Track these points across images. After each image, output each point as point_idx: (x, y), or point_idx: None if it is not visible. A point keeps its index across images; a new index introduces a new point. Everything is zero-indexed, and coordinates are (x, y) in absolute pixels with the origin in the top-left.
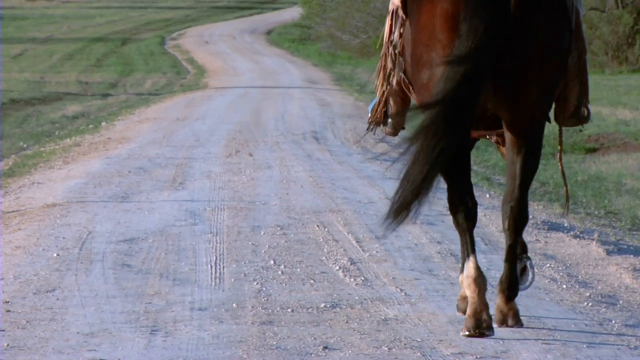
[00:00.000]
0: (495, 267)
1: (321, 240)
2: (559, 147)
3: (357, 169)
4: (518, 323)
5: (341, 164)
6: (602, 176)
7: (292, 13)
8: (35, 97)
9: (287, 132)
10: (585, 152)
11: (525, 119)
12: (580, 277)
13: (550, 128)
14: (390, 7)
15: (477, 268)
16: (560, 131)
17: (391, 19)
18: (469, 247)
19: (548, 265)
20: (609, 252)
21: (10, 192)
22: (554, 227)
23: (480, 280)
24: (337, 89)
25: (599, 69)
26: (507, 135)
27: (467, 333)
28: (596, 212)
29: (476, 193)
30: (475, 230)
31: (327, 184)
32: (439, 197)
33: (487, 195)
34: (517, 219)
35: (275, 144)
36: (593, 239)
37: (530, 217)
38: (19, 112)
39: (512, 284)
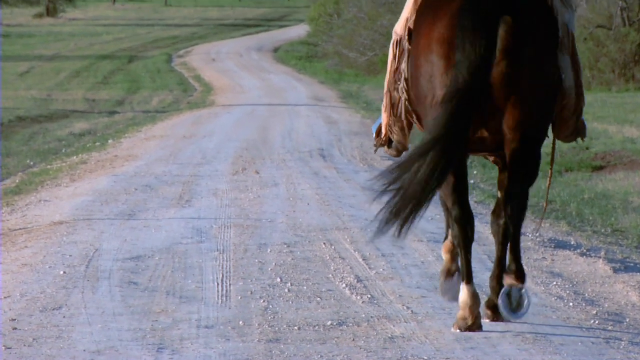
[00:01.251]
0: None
1: (328, 257)
2: (549, 164)
3: (363, 186)
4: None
5: (348, 181)
6: (608, 194)
7: (299, 30)
8: (42, 114)
9: (293, 149)
10: (592, 169)
11: (523, 140)
12: (586, 294)
13: (556, 146)
14: (394, 37)
15: (474, 295)
16: (553, 147)
17: (395, 49)
18: (465, 269)
19: (555, 283)
20: (615, 270)
21: (17, 209)
22: (560, 245)
23: (475, 306)
24: (343, 106)
25: (606, 86)
26: (506, 155)
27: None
28: (603, 230)
29: (483, 210)
30: (483, 248)
31: (334, 202)
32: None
33: None
34: (516, 229)
35: (281, 162)
36: (600, 257)
37: (537, 234)
38: (25, 130)
39: (520, 269)
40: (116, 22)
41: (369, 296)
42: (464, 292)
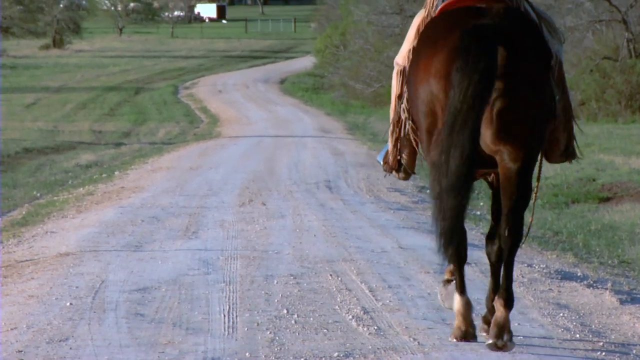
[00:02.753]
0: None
1: (334, 289)
2: (536, 183)
3: (370, 218)
4: (512, 339)
5: (354, 213)
6: (615, 225)
7: (306, 62)
8: (49, 146)
9: (300, 181)
10: (599, 201)
11: (519, 161)
12: (593, 326)
13: (561, 178)
14: (396, 68)
15: (467, 304)
16: (540, 169)
17: (398, 77)
18: (459, 281)
19: (561, 314)
20: (622, 302)
21: (23, 241)
22: (567, 277)
23: (469, 315)
24: (350, 137)
25: (612, 118)
26: (502, 175)
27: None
28: (609, 262)
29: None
30: (489, 280)
31: (340, 233)
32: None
33: None
34: (512, 245)
35: (288, 193)
36: (606, 288)
37: (544, 266)
38: (32, 161)
39: (510, 295)
40: (123, 53)
41: (376, 328)
42: (457, 302)
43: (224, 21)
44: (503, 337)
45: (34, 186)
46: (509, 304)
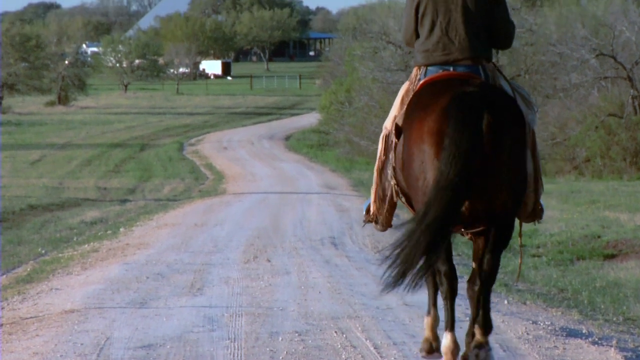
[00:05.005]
0: None
1: (339, 346)
2: (519, 239)
3: (375, 274)
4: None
5: (359, 269)
6: (620, 282)
7: (310, 119)
8: (54, 202)
9: (305, 237)
10: (604, 258)
11: (500, 218)
12: None
13: (566, 235)
14: (384, 132)
15: (455, 342)
16: (520, 226)
17: (383, 141)
18: (449, 318)
19: None
20: (627, 359)
21: (28, 297)
22: (572, 334)
23: (457, 352)
24: (355, 194)
25: (617, 175)
26: (483, 232)
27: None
28: (614, 319)
29: (494, 299)
30: (494, 337)
31: (345, 290)
32: (457, 303)
33: (505, 302)
34: (486, 294)
35: (293, 250)
36: (611, 346)
37: (549, 323)
38: (37, 218)
39: (488, 322)
40: (128, 110)
41: None
42: (447, 339)
43: (229, 78)
44: (481, 349)
45: (38, 243)
46: (487, 329)
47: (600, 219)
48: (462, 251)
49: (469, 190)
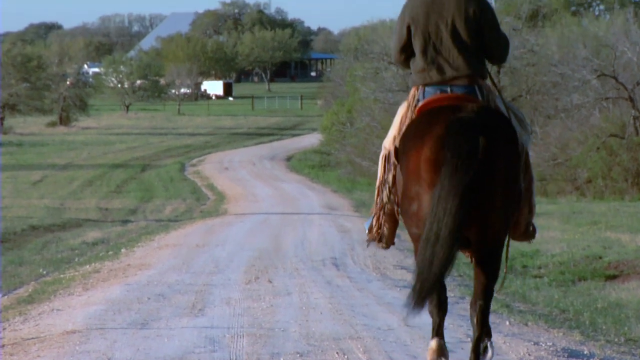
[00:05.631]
0: None
1: None
2: (506, 256)
3: (376, 295)
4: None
5: (361, 290)
6: (622, 303)
7: (312, 139)
8: (55, 223)
9: (306, 258)
10: (605, 279)
11: (491, 239)
12: None
13: (567, 256)
14: (383, 152)
15: (440, 346)
16: (508, 245)
17: (384, 162)
18: (438, 329)
19: None
20: None
21: (29, 318)
22: (574, 355)
23: (440, 352)
24: (356, 215)
25: (619, 195)
26: (475, 252)
27: None
28: (616, 340)
29: (496, 320)
30: (496, 358)
31: (347, 311)
32: (458, 324)
33: (507, 323)
34: (484, 314)
35: (294, 270)
36: None
37: (550, 344)
38: (38, 239)
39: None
40: (129, 130)
41: None
42: (432, 342)
43: (230, 98)
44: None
45: (40, 263)
46: (487, 333)
47: (601, 240)
48: (464, 272)
49: (468, 218)
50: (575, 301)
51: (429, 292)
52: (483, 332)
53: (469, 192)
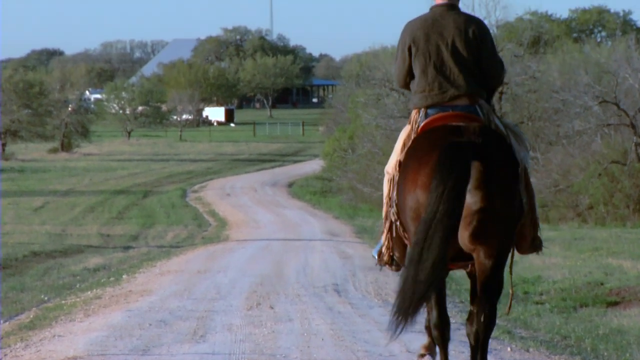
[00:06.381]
0: None
1: None
2: (510, 282)
3: (378, 321)
4: None
5: (362, 316)
6: (623, 330)
7: (314, 165)
8: (57, 249)
9: (308, 284)
10: (607, 305)
11: (493, 259)
12: None
13: (569, 282)
14: (387, 176)
15: None
16: (512, 261)
17: (389, 184)
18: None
19: None
20: None
21: (31, 344)
22: None
23: None
24: (358, 241)
25: (620, 222)
26: (478, 270)
27: None
28: None
29: (497, 346)
30: None
31: (349, 337)
32: (460, 350)
33: (509, 349)
34: (486, 328)
35: (296, 297)
36: None
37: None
38: (40, 265)
39: None
40: (131, 157)
41: None
42: None
43: (232, 124)
44: None
45: (41, 290)
46: None
47: (603, 266)
48: (465, 298)
49: (456, 235)
50: (577, 327)
51: (410, 312)
52: (485, 353)
53: (454, 219)
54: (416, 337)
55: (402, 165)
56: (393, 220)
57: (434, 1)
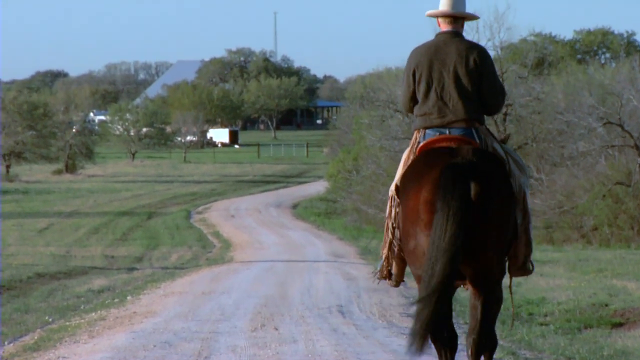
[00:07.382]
0: None
1: None
2: (510, 295)
3: (382, 343)
4: None
5: (367, 338)
6: (628, 351)
7: (318, 187)
8: (61, 271)
9: (312, 305)
10: (612, 326)
11: (487, 276)
12: None
13: (573, 303)
14: (390, 194)
15: None
16: (510, 280)
17: (391, 202)
18: None
19: None
20: None
21: None
22: None
23: None
24: (362, 262)
25: (625, 243)
26: (472, 287)
27: None
28: None
29: None
30: None
31: (353, 358)
32: None
33: None
34: (480, 347)
35: (300, 318)
36: None
37: None
38: (44, 286)
39: None
40: (135, 178)
41: None
42: None
43: (236, 146)
44: None
45: (46, 311)
46: None
47: (607, 288)
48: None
49: (461, 255)
50: (582, 349)
51: (426, 333)
52: None
53: (461, 240)
54: (420, 359)
55: (402, 185)
56: (391, 237)
57: (439, 28)
